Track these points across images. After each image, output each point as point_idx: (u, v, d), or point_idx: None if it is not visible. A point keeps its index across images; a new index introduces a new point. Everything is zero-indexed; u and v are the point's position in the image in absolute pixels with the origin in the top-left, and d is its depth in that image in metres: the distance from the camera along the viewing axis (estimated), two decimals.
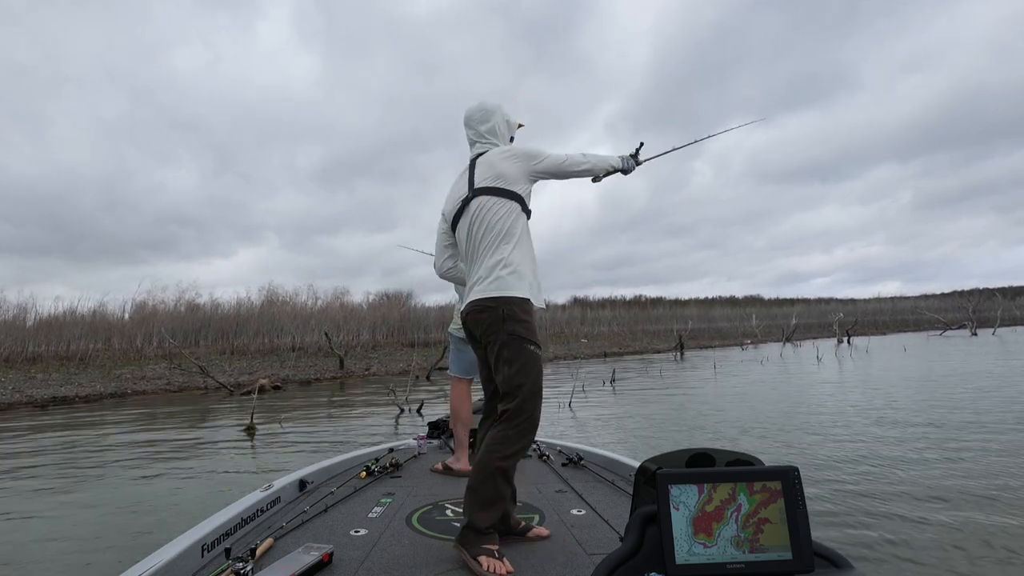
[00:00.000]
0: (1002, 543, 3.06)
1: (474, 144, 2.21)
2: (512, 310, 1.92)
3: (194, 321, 23.05)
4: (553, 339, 31.11)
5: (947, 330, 38.73)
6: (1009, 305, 53.64)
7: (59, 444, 7.29)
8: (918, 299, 64.64)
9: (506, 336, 1.90)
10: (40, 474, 5.54)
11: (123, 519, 3.95)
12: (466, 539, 1.80)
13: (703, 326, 40.87)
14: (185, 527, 1.95)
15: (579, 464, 3.19)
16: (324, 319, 24.43)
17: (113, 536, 3.62)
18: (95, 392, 14.30)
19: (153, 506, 4.25)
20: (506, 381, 1.90)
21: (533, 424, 1.89)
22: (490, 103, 2.20)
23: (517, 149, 2.10)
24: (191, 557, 1.80)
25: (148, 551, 1.73)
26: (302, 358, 20.89)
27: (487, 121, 2.18)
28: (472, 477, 1.86)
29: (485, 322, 1.96)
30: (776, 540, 1.07)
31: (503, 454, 1.84)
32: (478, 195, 2.06)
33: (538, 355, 1.94)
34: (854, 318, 41.90)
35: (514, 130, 2.27)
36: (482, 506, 1.81)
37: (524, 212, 2.07)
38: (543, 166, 2.09)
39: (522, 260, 2.00)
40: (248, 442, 6.94)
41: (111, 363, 18.50)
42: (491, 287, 1.96)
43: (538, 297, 2.04)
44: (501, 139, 2.19)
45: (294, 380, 17.04)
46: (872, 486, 4.20)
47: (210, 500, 4.35)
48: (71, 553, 3.35)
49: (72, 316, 21.06)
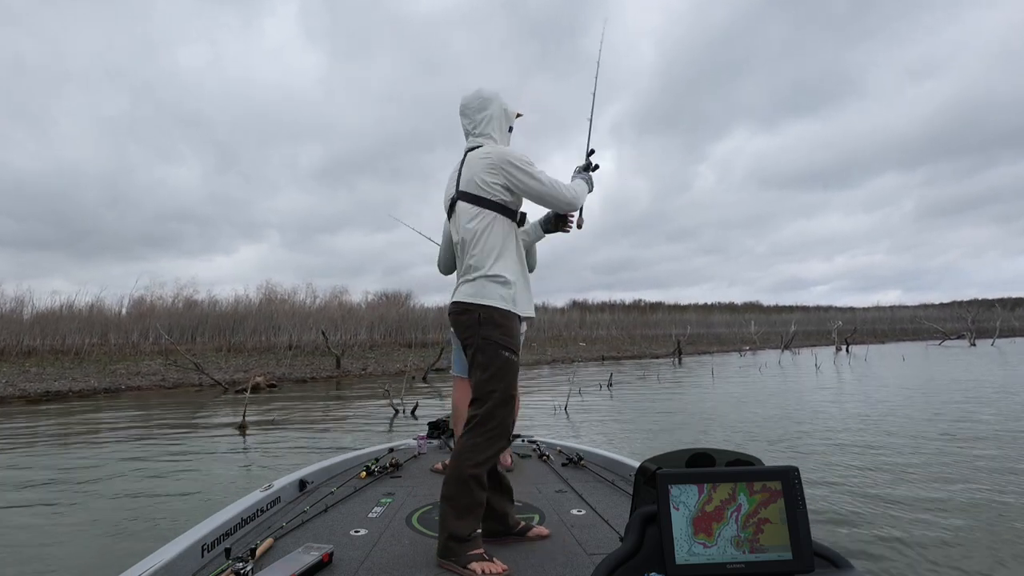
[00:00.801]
0: (1002, 543, 3.06)
1: (468, 135, 2.13)
2: (490, 314, 1.90)
3: (191, 318, 23.01)
4: (551, 342, 31.05)
5: (946, 340, 38.65)
6: (1008, 316, 53.61)
7: (51, 440, 7.22)
8: (917, 308, 64.47)
9: (481, 340, 1.89)
10: (32, 478, 5.47)
11: (115, 521, 3.89)
12: (450, 551, 1.76)
13: (702, 331, 40.79)
14: (166, 527, 1.90)
15: (579, 464, 3.19)
16: (322, 318, 24.38)
17: (99, 541, 3.56)
18: (89, 387, 14.23)
19: (135, 507, 4.18)
20: (478, 385, 1.89)
21: (505, 431, 1.88)
22: (487, 90, 2.11)
23: (499, 157, 1.97)
24: (191, 557, 1.80)
25: (139, 551, 1.68)
26: (298, 356, 20.83)
27: (483, 110, 2.09)
28: (446, 486, 1.82)
29: (463, 324, 1.94)
30: (776, 540, 1.07)
31: (475, 461, 1.81)
32: (461, 199, 2.01)
33: (513, 362, 1.90)
34: (853, 326, 41.80)
35: (512, 120, 2.18)
36: (459, 514, 1.78)
37: (508, 218, 2.01)
38: (521, 187, 1.97)
39: (506, 268, 1.95)
40: (239, 440, 6.87)
41: (106, 358, 18.44)
42: (471, 291, 1.94)
43: (525, 306, 1.99)
44: (497, 130, 2.10)
45: (290, 379, 16.96)
46: (872, 487, 4.20)
47: (194, 501, 4.28)
48: (70, 554, 3.29)
49: (69, 311, 21.02)
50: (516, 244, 2.03)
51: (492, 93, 2.11)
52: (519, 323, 1.98)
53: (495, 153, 1.98)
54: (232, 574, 1.66)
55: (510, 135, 2.17)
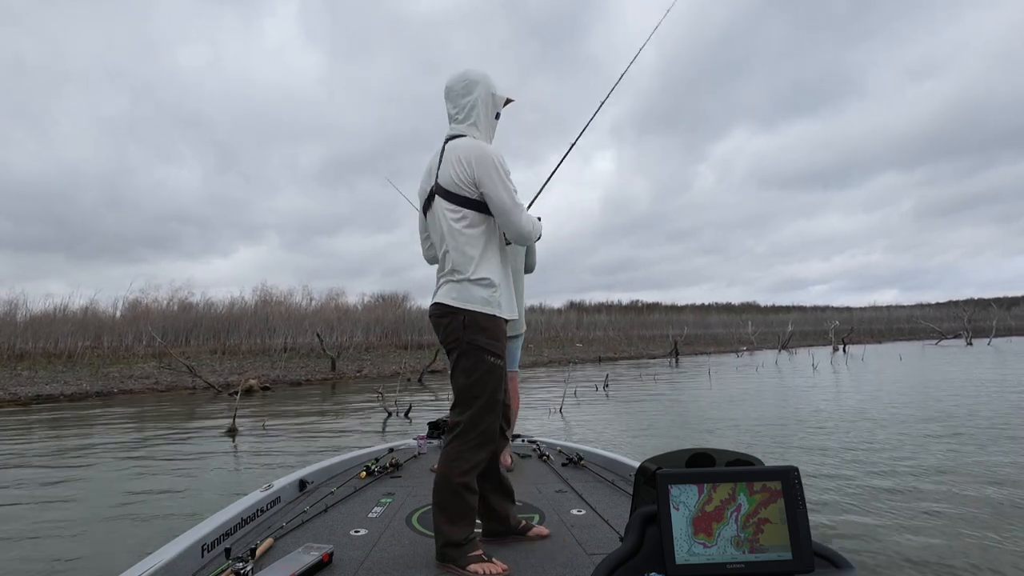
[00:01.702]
0: (1001, 543, 3.05)
1: (451, 121, 2.00)
2: (474, 318, 1.83)
3: (186, 320, 22.88)
4: (548, 343, 30.98)
5: (942, 339, 38.69)
6: (1004, 315, 53.73)
7: (42, 445, 7.11)
8: (914, 308, 64.67)
9: (466, 345, 1.82)
10: (24, 478, 5.37)
11: (106, 524, 3.80)
12: (448, 556, 1.75)
13: (699, 332, 40.75)
14: (157, 529, 1.85)
15: (579, 464, 3.19)
16: (318, 320, 24.28)
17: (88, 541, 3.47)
18: (81, 390, 14.10)
19: (121, 512, 4.09)
20: (461, 391, 1.84)
21: (490, 437, 1.84)
22: (474, 73, 1.97)
23: (478, 155, 1.84)
24: (191, 557, 1.80)
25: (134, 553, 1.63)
26: (293, 359, 20.71)
27: (468, 94, 1.95)
28: (436, 494, 1.80)
29: (446, 327, 1.87)
30: (776, 540, 1.06)
31: (462, 469, 1.78)
32: (440, 194, 1.91)
33: (499, 367, 1.84)
34: (850, 326, 41.85)
35: (499, 106, 2.04)
36: (452, 521, 1.76)
37: (491, 215, 1.90)
38: (489, 191, 1.85)
39: (490, 269, 1.87)
40: (229, 444, 6.77)
41: (99, 361, 18.30)
42: (454, 294, 1.86)
43: (508, 308, 1.91)
44: (483, 116, 1.97)
45: (284, 381, 16.85)
46: (872, 487, 4.19)
47: (178, 505, 4.19)
48: (69, 554, 3.23)
49: (63, 313, 20.87)
50: (499, 243, 1.95)
51: (479, 76, 1.97)
52: (504, 325, 1.90)
53: (476, 149, 1.86)
54: (232, 574, 1.65)
55: (497, 121, 2.05)
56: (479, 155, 1.84)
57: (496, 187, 1.84)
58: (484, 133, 1.98)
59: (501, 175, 1.85)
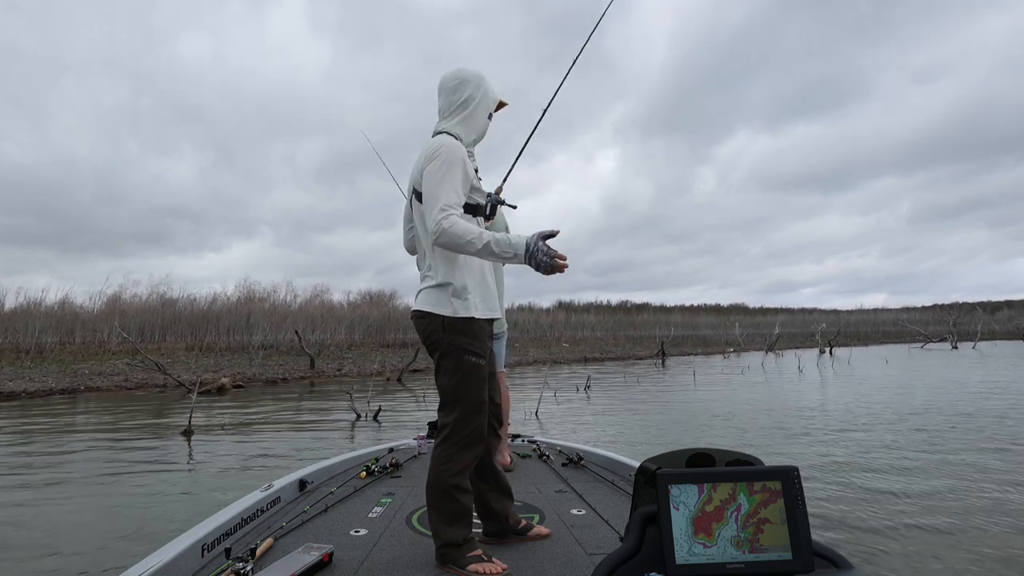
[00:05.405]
0: (1001, 543, 3.06)
1: (439, 116, 1.98)
2: (452, 320, 1.81)
3: (165, 316, 22.35)
4: (534, 343, 30.73)
5: (928, 343, 38.88)
6: (989, 319, 54.20)
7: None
8: (900, 311, 65.21)
9: (447, 345, 1.82)
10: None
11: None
12: (447, 557, 1.77)
13: (687, 333, 40.66)
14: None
15: (579, 464, 3.21)
16: (302, 317, 23.87)
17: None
18: (45, 387, 13.63)
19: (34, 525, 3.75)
20: (445, 391, 1.84)
21: (479, 437, 1.83)
22: (468, 71, 1.96)
23: (429, 151, 1.82)
24: (191, 557, 1.80)
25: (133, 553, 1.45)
26: (272, 356, 20.29)
27: (458, 92, 1.94)
28: (429, 496, 1.81)
29: (425, 329, 1.86)
30: (776, 540, 1.07)
31: (452, 471, 1.78)
32: (414, 193, 1.92)
33: (480, 366, 1.83)
34: (836, 329, 41.94)
35: (492, 107, 2.01)
36: (449, 522, 1.77)
37: (468, 215, 1.84)
38: (425, 178, 1.80)
39: (465, 272, 1.84)
40: (182, 448, 6.42)
41: (70, 357, 17.79)
42: (431, 300, 1.84)
43: (489, 307, 1.89)
44: (469, 115, 1.94)
45: (260, 379, 16.44)
46: (871, 487, 4.21)
47: (97, 522, 3.86)
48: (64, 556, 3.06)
49: (37, 308, 20.29)
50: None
51: (472, 75, 1.95)
52: (487, 325, 1.89)
53: (433, 144, 1.83)
54: (232, 574, 1.65)
55: (489, 122, 2.02)
56: (431, 151, 1.82)
57: (431, 178, 1.78)
58: (467, 132, 1.95)
59: (442, 167, 1.77)
